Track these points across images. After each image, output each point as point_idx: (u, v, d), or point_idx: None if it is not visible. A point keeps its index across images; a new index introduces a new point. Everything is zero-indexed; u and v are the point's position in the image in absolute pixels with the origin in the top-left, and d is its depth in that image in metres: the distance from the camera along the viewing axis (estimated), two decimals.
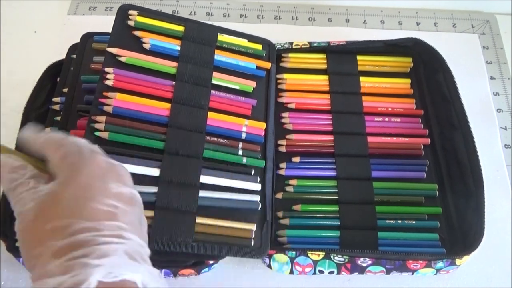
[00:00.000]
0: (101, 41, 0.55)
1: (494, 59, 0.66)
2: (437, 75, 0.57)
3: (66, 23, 0.67)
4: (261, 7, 0.70)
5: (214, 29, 0.55)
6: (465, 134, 0.52)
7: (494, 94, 0.63)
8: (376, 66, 0.59)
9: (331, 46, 0.58)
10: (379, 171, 0.53)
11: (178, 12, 0.69)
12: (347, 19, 0.70)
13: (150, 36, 0.52)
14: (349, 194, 0.51)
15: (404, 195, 0.52)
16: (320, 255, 0.46)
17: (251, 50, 0.55)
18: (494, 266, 0.51)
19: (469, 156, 0.51)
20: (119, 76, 0.48)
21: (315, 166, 0.53)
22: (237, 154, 0.49)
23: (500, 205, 0.54)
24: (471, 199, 0.49)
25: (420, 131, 0.56)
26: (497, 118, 0.61)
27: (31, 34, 0.66)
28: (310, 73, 0.59)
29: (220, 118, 0.50)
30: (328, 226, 0.49)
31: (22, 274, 0.47)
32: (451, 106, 0.55)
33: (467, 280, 0.50)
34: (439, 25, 0.70)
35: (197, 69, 0.51)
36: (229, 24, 0.62)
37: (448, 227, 0.51)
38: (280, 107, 0.56)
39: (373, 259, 0.46)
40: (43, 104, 0.55)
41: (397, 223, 0.50)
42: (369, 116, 0.56)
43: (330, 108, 0.56)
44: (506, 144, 0.59)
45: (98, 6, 0.69)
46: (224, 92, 0.52)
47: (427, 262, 0.46)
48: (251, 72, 0.54)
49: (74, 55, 0.55)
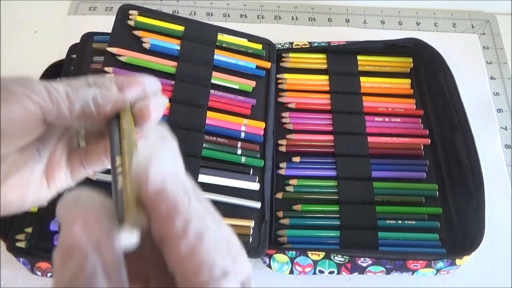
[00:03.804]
0: (101, 41, 0.55)
1: (494, 59, 0.66)
2: (437, 75, 0.57)
3: (66, 23, 0.66)
4: (261, 7, 0.70)
5: (214, 28, 0.55)
6: (465, 134, 0.52)
7: (494, 94, 0.63)
8: (376, 66, 0.59)
9: (331, 46, 0.58)
10: (379, 171, 0.53)
11: (178, 12, 0.69)
12: (347, 19, 0.70)
13: (150, 35, 0.52)
14: (349, 194, 0.51)
15: (404, 195, 0.52)
16: (320, 255, 0.46)
17: (251, 50, 0.55)
18: (494, 266, 0.50)
19: (469, 156, 0.51)
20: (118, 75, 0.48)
21: (315, 166, 0.53)
22: (236, 154, 0.49)
23: (500, 205, 0.54)
24: (471, 199, 0.49)
25: (420, 131, 0.56)
26: (497, 118, 0.61)
27: (31, 34, 0.65)
28: (310, 73, 0.59)
29: (219, 117, 0.50)
30: (328, 226, 0.49)
31: (22, 274, 0.47)
32: (451, 106, 0.55)
33: (467, 280, 0.50)
34: (439, 25, 0.70)
35: (197, 68, 0.51)
36: (229, 24, 0.62)
37: (448, 227, 0.51)
38: (281, 107, 0.56)
39: (373, 259, 0.46)
40: None
41: (397, 223, 0.50)
42: (369, 116, 0.56)
43: (330, 108, 0.56)
44: (506, 144, 0.59)
45: (98, 6, 0.69)
46: (224, 91, 0.52)
47: (427, 262, 0.46)
48: (251, 72, 0.54)
49: (74, 55, 0.55)
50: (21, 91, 0.23)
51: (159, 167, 0.17)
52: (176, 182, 0.17)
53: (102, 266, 0.16)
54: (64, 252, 0.16)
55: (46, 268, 0.45)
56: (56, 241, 0.44)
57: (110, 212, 0.17)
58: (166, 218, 0.17)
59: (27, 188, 0.25)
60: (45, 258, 0.44)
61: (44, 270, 0.45)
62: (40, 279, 0.47)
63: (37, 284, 0.47)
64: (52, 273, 0.45)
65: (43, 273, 0.46)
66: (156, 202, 0.17)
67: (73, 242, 0.16)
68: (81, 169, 0.27)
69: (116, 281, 0.16)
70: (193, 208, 0.17)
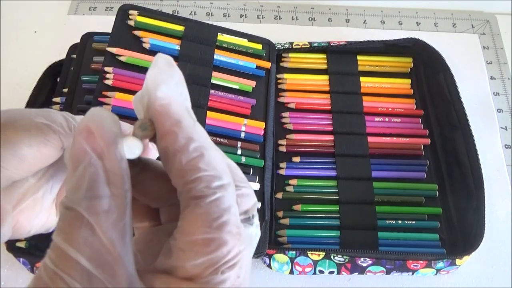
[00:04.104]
0: (101, 41, 0.55)
1: (494, 59, 0.66)
2: (437, 75, 0.57)
3: (66, 23, 0.66)
4: (261, 7, 0.70)
5: (214, 28, 0.55)
6: (465, 134, 0.52)
7: (494, 94, 0.63)
8: (376, 66, 0.59)
9: (331, 46, 0.58)
10: (379, 171, 0.53)
11: (178, 12, 0.69)
12: (347, 19, 0.70)
13: (150, 35, 0.52)
14: (349, 194, 0.51)
15: (404, 195, 0.52)
16: (320, 255, 0.46)
17: (251, 50, 0.55)
18: (494, 266, 0.50)
19: (469, 156, 0.51)
20: (118, 75, 0.48)
21: (315, 166, 0.53)
22: (236, 154, 0.49)
23: (500, 205, 0.54)
24: (471, 199, 0.49)
25: (420, 131, 0.56)
26: (497, 118, 0.61)
27: (31, 34, 0.65)
28: (310, 73, 0.59)
29: (219, 117, 0.50)
30: (328, 226, 0.49)
31: (22, 274, 0.47)
32: (451, 106, 0.55)
33: (467, 280, 0.50)
34: (439, 25, 0.70)
35: (197, 68, 0.51)
36: (229, 24, 0.62)
37: (448, 227, 0.51)
38: (281, 107, 0.56)
39: (373, 259, 0.46)
40: (43, 104, 0.54)
41: (397, 223, 0.50)
42: (369, 116, 0.56)
43: (330, 108, 0.56)
44: (506, 144, 0.59)
45: (98, 6, 0.68)
46: (224, 91, 0.52)
47: (427, 262, 0.46)
48: (251, 72, 0.54)
49: (74, 55, 0.55)
50: (43, 121, 0.24)
51: (167, 88, 0.18)
52: (182, 104, 0.19)
53: (104, 174, 0.17)
54: (71, 162, 0.17)
55: None
56: None
57: (116, 126, 0.18)
58: (170, 131, 0.18)
59: (37, 214, 0.26)
60: None
61: None
62: None
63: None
64: None
65: None
66: (162, 115, 0.18)
67: (78, 151, 0.17)
68: None
69: (118, 189, 0.17)
70: (196, 129, 0.18)
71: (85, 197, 0.16)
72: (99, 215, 0.16)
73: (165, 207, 0.22)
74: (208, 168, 0.18)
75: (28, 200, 0.25)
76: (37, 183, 0.26)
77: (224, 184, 0.18)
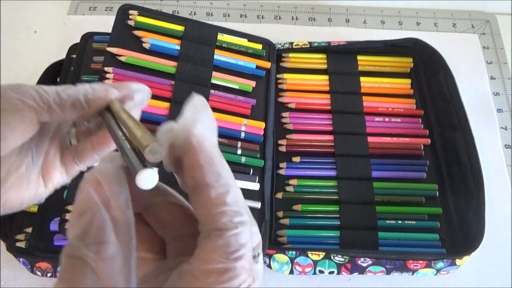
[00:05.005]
0: (101, 41, 0.55)
1: (494, 59, 0.66)
2: (437, 75, 0.57)
3: (66, 23, 0.66)
4: (261, 7, 0.70)
5: (214, 28, 0.55)
6: (465, 134, 0.52)
7: (494, 94, 0.63)
8: (376, 66, 0.59)
9: (331, 46, 0.58)
10: (380, 171, 0.53)
11: (178, 12, 0.69)
12: (347, 19, 0.70)
13: (150, 35, 0.52)
14: (349, 194, 0.51)
15: (404, 195, 0.52)
16: (320, 255, 0.46)
17: (251, 50, 0.55)
18: (494, 266, 0.50)
19: (469, 156, 0.51)
20: (118, 75, 0.48)
21: (315, 166, 0.53)
22: (236, 154, 0.49)
23: (500, 205, 0.54)
24: (471, 199, 0.49)
25: (420, 131, 0.56)
26: (497, 118, 0.61)
27: (31, 34, 0.65)
28: (310, 73, 0.59)
29: (219, 117, 0.50)
30: (328, 226, 0.49)
31: (22, 274, 0.47)
32: (451, 106, 0.55)
33: (467, 280, 0.50)
34: (439, 25, 0.70)
35: (197, 68, 0.51)
36: (229, 24, 0.62)
37: (448, 228, 0.51)
38: (281, 107, 0.56)
39: (373, 259, 0.46)
40: None
41: (397, 223, 0.50)
42: (369, 116, 0.56)
43: (330, 108, 0.56)
44: (506, 144, 0.59)
45: (98, 6, 0.68)
46: (224, 91, 0.52)
47: (427, 262, 0.46)
48: (251, 72, 0.54)
49: (74, 55, 0.55)
50: (15, 96, 0.24)
51: (202, 126, 0.20)
52: (214, 141, 0.21)
53: (111, 222, 0.18)
54: (77, 210, 0.18)
55: (46, 268, 0.45)
56: (56, 241, 0.44)
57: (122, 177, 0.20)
58: (203, 167, 0.19)
59: (25, 188, 0.27)
60: (45, 258, 0.44)
61: (44, 270, 0.45)
62: (40, 279, 0.47)
63: (37, 284, 0.47)
64: (51, 272, 0.45)
65: (43, 273, 0.45)
66: (197, 150, 0.19)
67: (86, 201, 0.18)
68: (74, 166, 0.29)
69: (124, 237, 0.18)
70: (224, 167, 0.20)
71: (93, 243, 0.17)
72: (105, 260, 0.17)
73: (172, 240, 0.22)
74: (232, 204, 0.19)
75: (13, 177, 0.26)
76: (17, 158, 0.26)
77: (244, 221, 0.19)
